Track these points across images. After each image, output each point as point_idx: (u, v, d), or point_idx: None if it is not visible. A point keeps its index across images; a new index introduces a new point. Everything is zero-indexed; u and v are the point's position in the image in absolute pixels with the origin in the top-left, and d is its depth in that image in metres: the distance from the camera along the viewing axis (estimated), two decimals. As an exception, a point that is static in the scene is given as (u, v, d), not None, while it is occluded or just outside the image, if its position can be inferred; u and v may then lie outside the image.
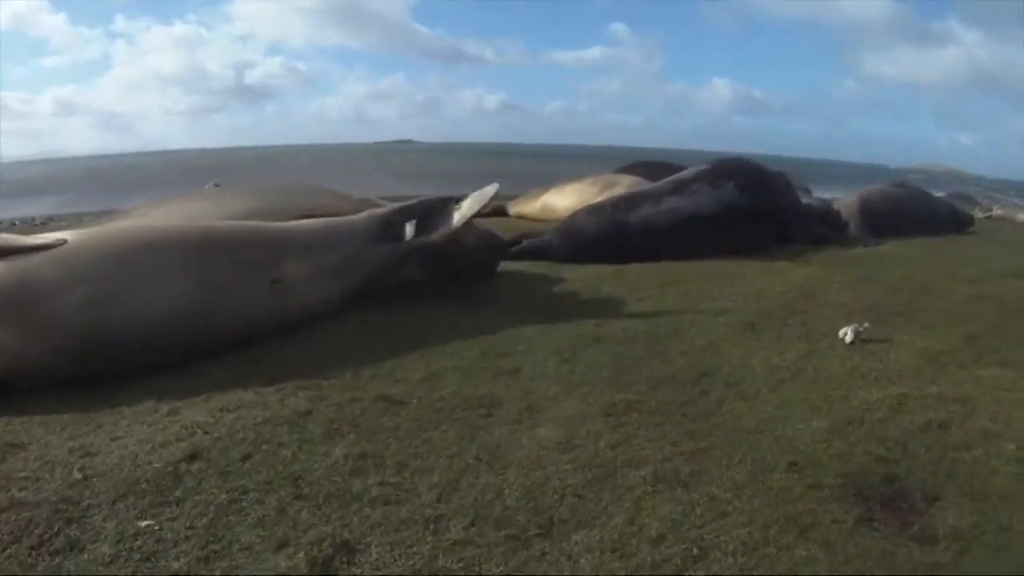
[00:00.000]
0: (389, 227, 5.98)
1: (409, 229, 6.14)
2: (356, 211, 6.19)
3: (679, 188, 8.99)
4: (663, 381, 4.53)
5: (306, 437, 3.42)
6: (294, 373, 4.24)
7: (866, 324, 5.42)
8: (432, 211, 6.31)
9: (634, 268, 7.80)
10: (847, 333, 5.35)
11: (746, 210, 8.87)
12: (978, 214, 16.20)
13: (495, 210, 13.40)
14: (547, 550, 2.66)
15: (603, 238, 8.52)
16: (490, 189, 6.52)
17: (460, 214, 6.26)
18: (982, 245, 10.75)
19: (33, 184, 35.79)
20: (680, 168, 10.40)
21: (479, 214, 6.47)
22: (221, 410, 3.68)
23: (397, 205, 6.28)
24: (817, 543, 2.82)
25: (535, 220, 11.47)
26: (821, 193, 14.56)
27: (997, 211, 16.14)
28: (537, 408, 4.02)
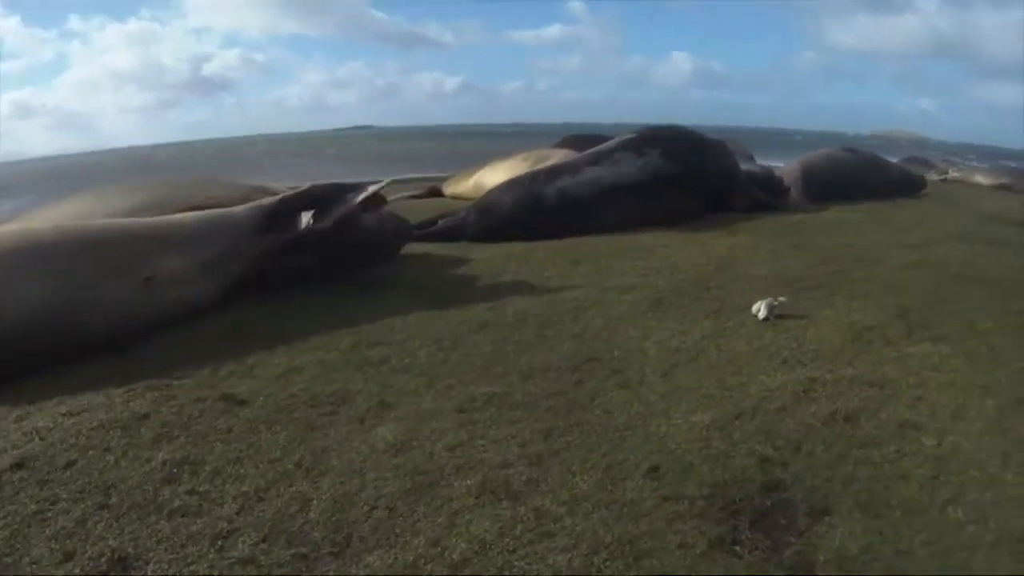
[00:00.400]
0: (274, 217, 5.57)
1: (305, 218, 5.70)
2: (246, 201, 5.83)
3: (600, 157, 8.37)
4: (538, 370, 3.95)
5: (134, 442, 3.16)
6: (153, 372, 3.94)
7: (782, 298, 4.81)
8: (325, 199, 5.85)
9: (546, 246, 7.14)
10: (760, 308, 4.74)
11: (673, 177, 8.27)
12: (933, 177, 15.70)
13: (431, 191, 12.83)
14: (332, 573, 2.35)
15: (520, 213, 7.87)
16: (383, 181, 6.34)
17: (350, 202, 5.81)
18: (932, 208, 10.16)
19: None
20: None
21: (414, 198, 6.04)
22: (65, 414, 3.42)
23: (286, 194, 5.86)
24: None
25: (470, 199, 10.88)
26: (778, 161, 14.00)
27: (953, 174, 15.61)
28: (388, 405, 3.55)
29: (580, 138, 12.78)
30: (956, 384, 3.62)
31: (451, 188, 12.47)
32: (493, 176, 11.21)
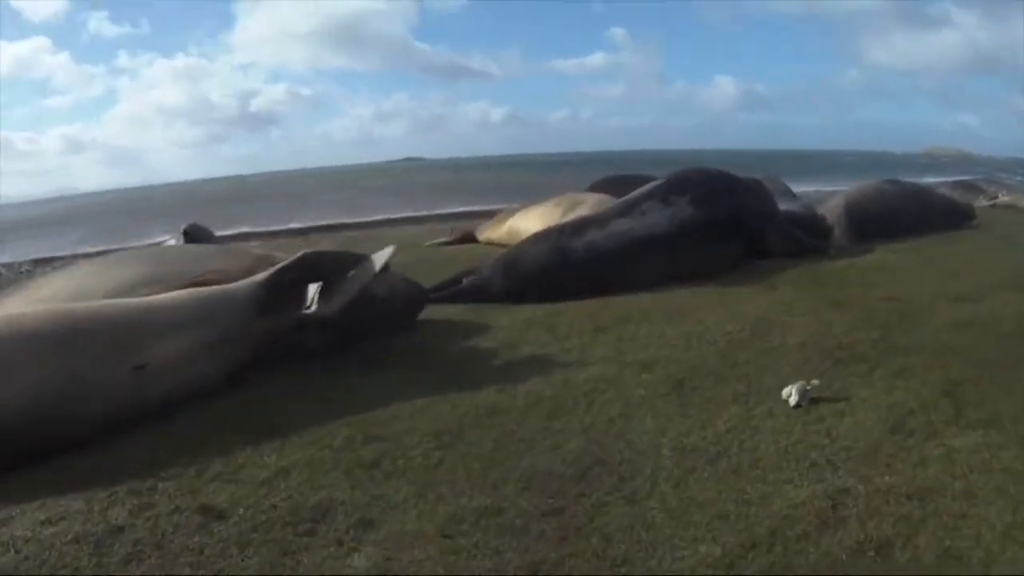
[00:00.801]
0: (275, 291, 5.28)
1: (312, 292, 5.49)
2: (249, 273, 5.53)
3: (628, 209, 7.96)
4: (539, 477, 3.56)
5: (105, 560, 2.98)
6: (139, 470, 3.75)
7: (815, 381, 4.37)
8: (325, 269, 5.61)
9: (573, 308, 6.73)
10: (792, 393, 4.28)
11: (705, 224, 7.84)
12: (982, 202, 14.92)
13: (464, 236, 12.70)
14: None
15: (548, 269, 7.48)
16: (388, 251, 5.92)
17: (359, 279, 5.61)
18: (982, 244, 9.52)
19: (37, 223, 35.62)
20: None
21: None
22: (44, 522, 3.27)
23: (283, 263, 5.51)
24: None
25: (504, 245, 10.69)
26: (832, 185, 13.43)
27: (1003, 198, 14.80)
28: (371, 522, 3.23)
29: (615, 180, 12.45)
30: (1008, 492, 3.16)
31: (485, 234, 12.30)
32: (526, 222, 11.05)
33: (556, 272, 7.43)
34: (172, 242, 17.38)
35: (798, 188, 16.42)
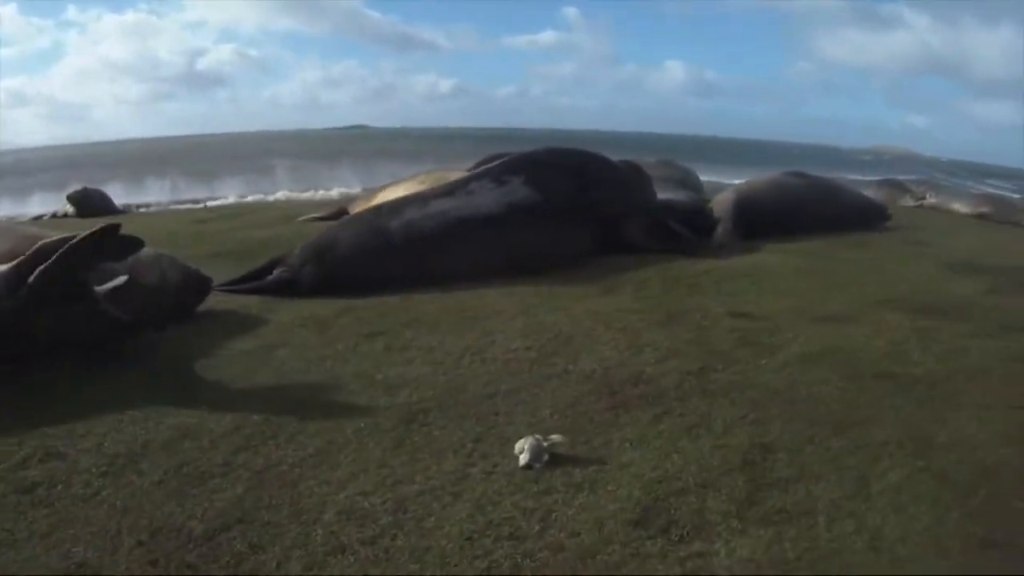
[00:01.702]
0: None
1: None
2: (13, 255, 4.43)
3: (455, 188, 6.86)
4: (163, 533, 2.60)
5: None
6: None
7: (555, 437, 3.17)
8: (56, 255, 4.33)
9: (367, 306, 5.58)
10: (524, 449, 3.08)
11: (540, 208, 6.71)
12: (908, 202, 13.95)
13: (339, 211, 11.64)
14: None
15: (363, 254, 6.29)
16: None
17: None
18: (884, 249, 8.31)
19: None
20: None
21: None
22: None
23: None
24: None
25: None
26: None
27: (930, 199, 13.77)
28: None
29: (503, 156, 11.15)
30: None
31: (356, 208, 10.95)
32: (395, 196, 9.79)
33: (373, 257, 6.28)
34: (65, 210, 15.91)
35: (738, 178, 15.39)
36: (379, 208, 6.79)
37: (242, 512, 2.71)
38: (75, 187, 16.59)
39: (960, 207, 12.96)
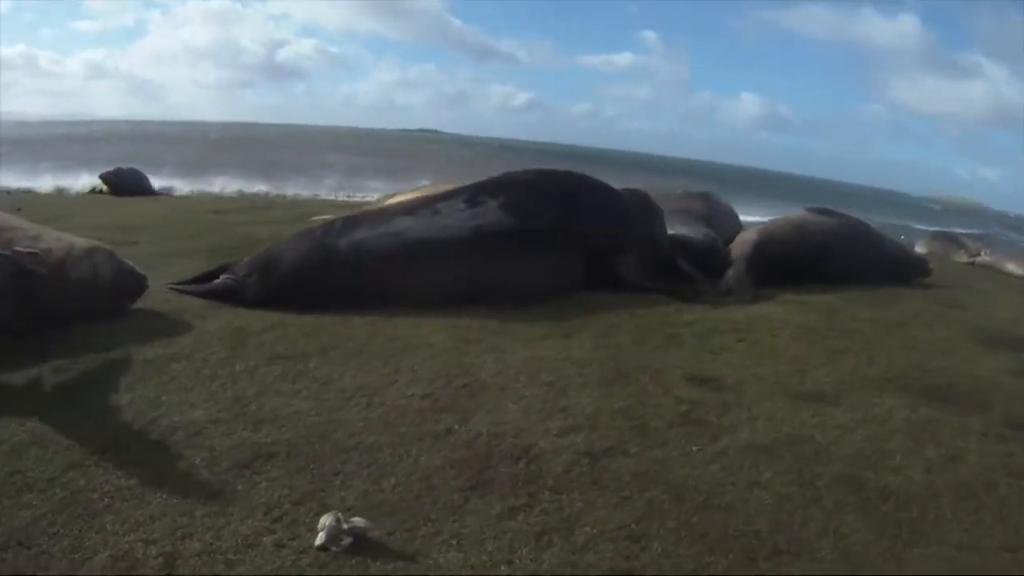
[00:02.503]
0: None
1: None
2: None
3: (421, 206, 6.15)
4: None
5: None
6: None
7: (356, 519, 2.60)
8: None
9: (295, 324, 5.07)
10: (324, 526, 2.57)
11: (513, 235, 5.98)
12: (962, 258, 12.77)
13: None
14: None
15: (307, 271, 5.69)
16: None
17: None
18: (910, 310, 7.23)
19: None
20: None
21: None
22: None
23: None
24: None
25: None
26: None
27: (984, 257, 12.55)
28: None
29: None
30: None
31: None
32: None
33: (317, 275, 5.69)
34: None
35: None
36: (332, 224, 6.10)
37: (27, 535, 2.56)
38: (114, 166, 16.68)
39: (1014, 268, 11.69)
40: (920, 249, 14.17)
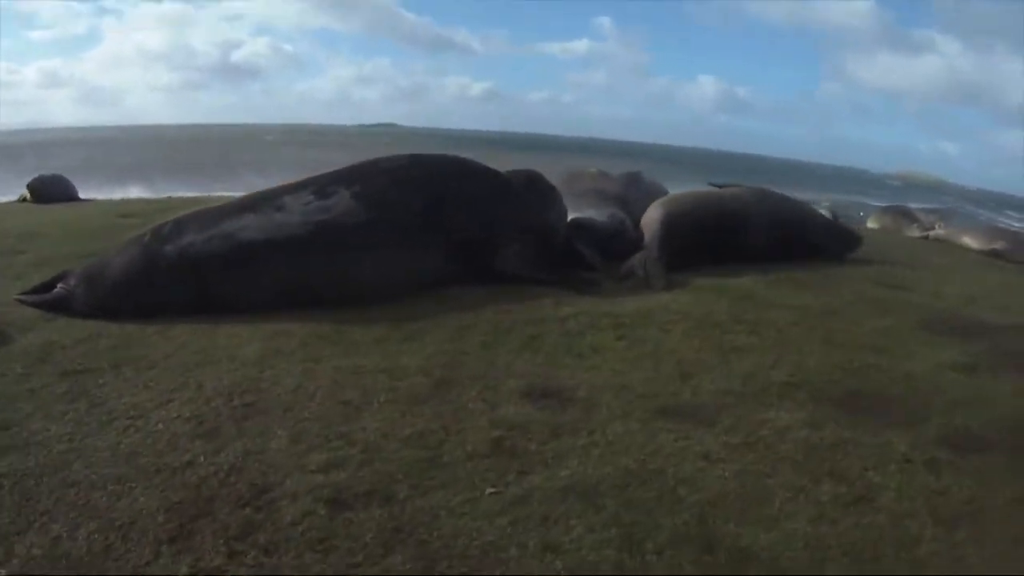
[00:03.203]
0: None
1: None
2: None
3: (266, 199, 5.19)
4: None
5: None
6: None
7: None
8: None
9: (111, 335, 4.31)
10: None
11: (364, 228, 5.04)
12: (915, 232, 11.84)
13: None
14: None
15: (131, 281, 4.82)
16: None
17: None
18: (847, 293, 6.13)
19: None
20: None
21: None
22: None
23: None
24: None
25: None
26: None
27: (938, 230, 11.58)
28: None
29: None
30: None
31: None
32: None
33: (143, 285, 4.84)
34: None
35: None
36: (162, 227, 5.12)
37: None
38: (37, 174, 16.00)
39: (970, 242, 10.69)
40: (871, 224, 13.24)
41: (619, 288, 5.73)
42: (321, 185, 5.15)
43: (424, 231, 5.22)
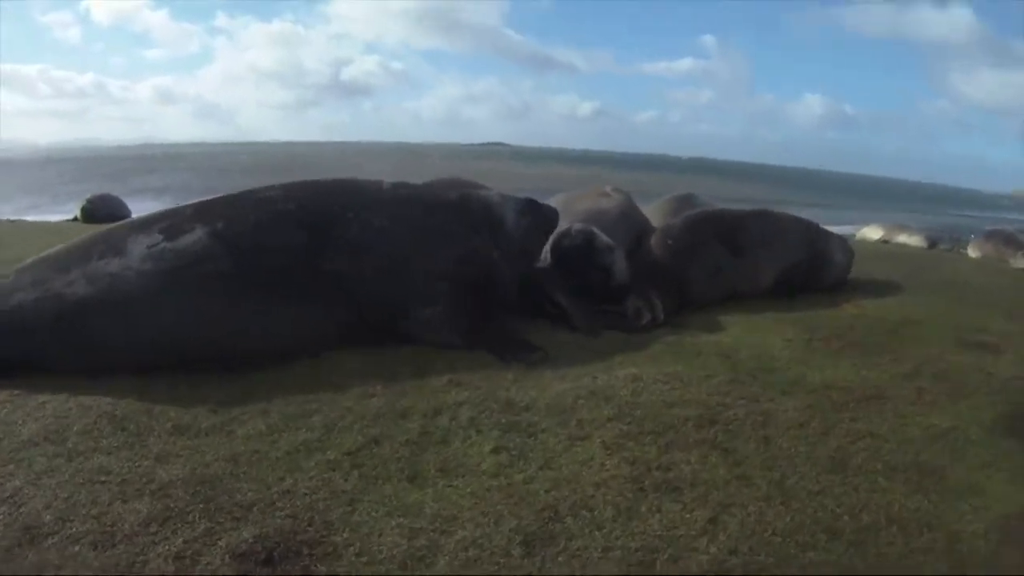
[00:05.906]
0: None
1: None
2: None
3: (104, 242, 3.82)
4: None
5: None
6: None
7: None
8: None
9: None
10: None
11: (226, 279, 3.71)
12: (1019, 263, 9.61)
13: None
14: None
15: (28, 322, 3.60)
16: None
17: None
18: (911, 363, 4.33)
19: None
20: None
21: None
22: None
23: None
24: None
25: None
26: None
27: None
28: None
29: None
30: None
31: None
32: None
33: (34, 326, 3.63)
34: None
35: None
36: (57, 257, 3.92)
37: None
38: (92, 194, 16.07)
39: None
40: (972, 253, 10.98)
41: (574, 347, 4.11)
42: (174, 222, 3.80)
43: (300, 282, 3.84)
